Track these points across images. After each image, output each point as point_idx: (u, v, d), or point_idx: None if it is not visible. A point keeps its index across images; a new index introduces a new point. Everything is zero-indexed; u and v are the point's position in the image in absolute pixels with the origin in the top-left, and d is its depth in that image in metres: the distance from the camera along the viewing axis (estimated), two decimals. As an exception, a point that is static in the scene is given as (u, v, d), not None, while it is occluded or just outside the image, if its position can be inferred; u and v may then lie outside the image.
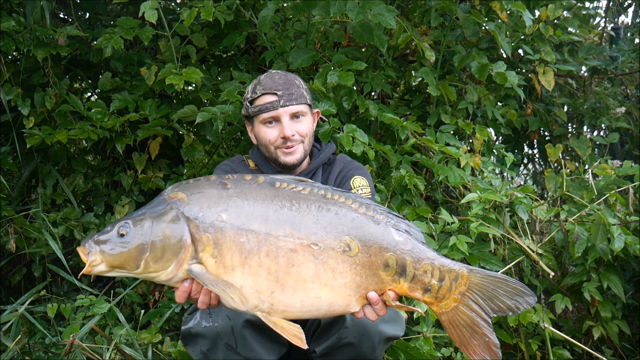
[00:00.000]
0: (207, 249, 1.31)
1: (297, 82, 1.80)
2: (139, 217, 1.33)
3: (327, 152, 1.92)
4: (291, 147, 1.76)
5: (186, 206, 1.33)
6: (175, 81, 2.42)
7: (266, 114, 1.75)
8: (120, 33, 2.61)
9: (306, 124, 1.79)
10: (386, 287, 1.38)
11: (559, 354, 2.26)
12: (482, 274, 1.40)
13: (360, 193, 1.81)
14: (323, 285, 1.32)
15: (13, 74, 2.78)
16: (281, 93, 1.74)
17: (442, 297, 1.39)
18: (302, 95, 1.77)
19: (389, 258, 1.36)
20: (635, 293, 2.62)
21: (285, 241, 1.31)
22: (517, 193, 2.39)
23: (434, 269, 1.38)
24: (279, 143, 1.76)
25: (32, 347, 2.28)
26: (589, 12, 3.54)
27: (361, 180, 1.86)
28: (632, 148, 3.51)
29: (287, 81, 1.77)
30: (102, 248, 1.30)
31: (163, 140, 2.87)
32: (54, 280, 2.85)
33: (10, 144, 2.83)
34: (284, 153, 1.77)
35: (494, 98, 3.05)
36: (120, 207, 2.90)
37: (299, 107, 1.76)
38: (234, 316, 1.62)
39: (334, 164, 1.92)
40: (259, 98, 1.76)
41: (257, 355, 1.64)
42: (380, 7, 2.36)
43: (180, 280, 1.35)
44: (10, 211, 2.63)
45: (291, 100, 1.74)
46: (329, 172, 1.90)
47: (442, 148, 2.54)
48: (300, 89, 1.78)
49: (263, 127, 1.78)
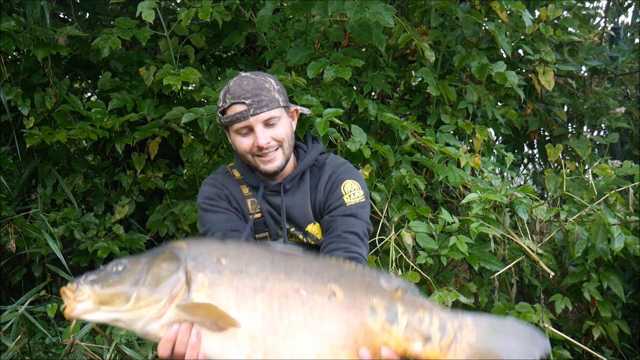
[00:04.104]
0: (202, 288, 1.25)
1: (268, 84, 1.68)
2: (135, 256, 1.31)
3: (314, 153, 1.82)
4: (268, 154, 1.68)
5: (185, 250, 1.29)
6: (173, 82, 2.41)
7: (238, 125, 1.67)
8: (118, 33, 2.60)
9: (282, 127, 1.70)
10: (378, 341, 1.23)
11: (559, 354, 2.26)
12: (489, 322, 1.24)
13: (352, 198, 1.76)
14: (311, 333, 1.24)
15: (13, 74, 2.78)
16: (250, 102, 1.64)
17: (447, 348, 1.21)
18: (273, 100, 1.67)
19: (375, 303, 1.24)
20: (635, 293, 2.62)
21: (278, 287, 1.26)
22: (517, 193, 2.39)
23: (432, 316, 1.23)
24: (255, 151, 1.69)
25: (32, 347, 2.28)
26: (589, 12, 3.54)
27: (352, 184, 1.78)
28: (632, 148, 3.51)
29: (256, 86, 1.66)
30: (91, 282, 1.22)
31: (162, 140, 2.87)
32: (54, 280, 2.85)
33: (10, 144, 2.83)
34: (262, 162, 1.70)
35: (494, 98, 3.05)
36: (120, 207, 2.91)
37: (270, 112, 1.66)
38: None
39: (324, 168, 1.82)
40: (229, 108, 1.68)
41: None
42: (378, 5, 2.36)
43: (169, 323, 1.24)
44: (10, 211, 2.63)
45: (261, 107, 1.64)
46: (318, 177, 1.81)
47: (442, 148, 2.54)
48: (270, 92, 1.67)
49: (238, 136, 1.70)
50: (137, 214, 3.01)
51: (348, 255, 1.66)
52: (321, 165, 1.83)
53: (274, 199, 1.78)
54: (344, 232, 1.70)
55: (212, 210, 1.76)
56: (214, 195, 1.78)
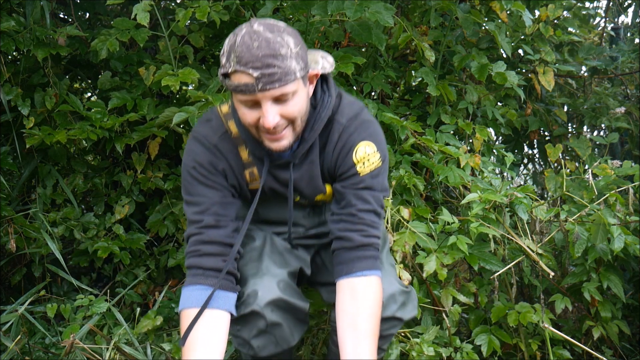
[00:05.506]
0: None
1: (284, 49, 1.33)
2: None
3: (325, 115, 1.53)
4: (275, 133, 1.43)
5: None
6: (171, 82, 2.40)
7: (242, 96, 1.38)
8: (116, 35, 2.60)
9: (295, 104, 1.41)
10: None
11: (559, 354, 2.26)
12: None
13: (366, 165, 1.55)
14: None
15: (13, 74, 2.78)
16: (259, 74, 1.32)
17: None
18: (288, 72, 1.34)
19: None
20: (635, 293, 2.61)
21: None
22: (517, 193, 2.39)
23: None
24: (260, 127, 1.42)
25: (32, 347, 2.28)
26: (589, 12, 3.54)
27: (365, 147, 1.55)
28: (632, 148, 3.51)
29: (270, 52, 1.31)
30: None
31: (162, 140, 2.87)
32: (54, 280, 2.85)
33: (10, 144, 2.83)
34: (268, 139, 1.45)
35: (494, 98, 3.05)
36: (120, 207, 2.91)
37: (283, 88, 1.35)
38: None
39: (333, 126, 1.55)
40: (233, 74, 1.36)
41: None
42: (378, 5, 2.36)
43: None
44: (10, 211, 2.63)
45: (272, 82, 1.33)
46: (327, 137, 1.55)
47: (442, 148, 2.54)
48: (286, 60, 1.33)
49: (241, 106, 1.42)
50: (137, 214, 3.01)
51: (364, 241, 1.57)
52: (330, 122, 1.57)
53: (280, 172, 1.60)
54: (359, 210, 1.57)
55: (204, 183, 1.57)
56: (208, 165, 1.56)
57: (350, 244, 1.58)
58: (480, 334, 2.29)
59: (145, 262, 2.92)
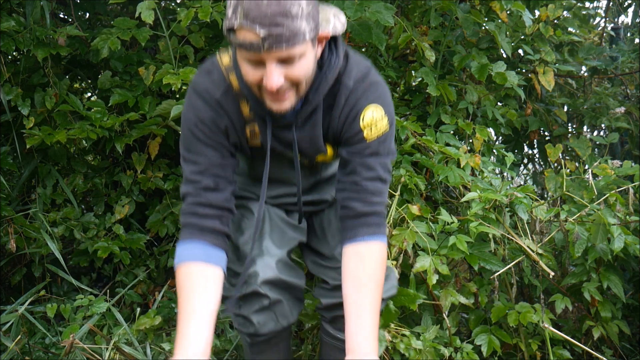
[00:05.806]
0: None
1: (295, 8, 1.24)
2: None
3: (331, 76, 1.46)
4: (278, 94, 1.36)
5: None
6: (172, 81, 2.41)
7: (246, 54, 1.30)
8: (117, 34, 2.60)
9: (301, 66, 1.33)
10: None
11: (559, 354, 2.26)
12: None
13: (374, 131, 1.51)
14: None
15: (13, 74, 2.78)
16: (265, 33, 1.23)
17: None
18: (298, 33, 1.26)
19: None
20: (635, 293, 2.61)
21: None
22: (517, 193, 2.39)
23: None
24: (263, 87, 1.36)
25: (32, 347, 2.28)
26: (589, 12, 3.54)
27: (373, 111, 1.50)
28: (632, 148, 3.51)
29: (279, 11, 1.23)
30: None
31: (163, 140, 2.87)
32: (54, 280, 2.85)
33: (10, 144, 2.83)
34: (270, 99, 1.39)
35: (494, 98, 3.05)
36: (120, 207, 2.91)
37: (290, 50, 1.27)
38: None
39: (340, 88, 1.49)
40: (238, 30, 1.27)
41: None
42: (378, 5, 2.36)
43: None
44: (10, 211, 2.63)
45: (279, 42, 1.25)
46: (333, 98, 1.50)
47: (442, 148, 2.54)
48: (296, 21, 1.25)
49: (244, 63, 1.34)
50: (137, 214, 3.01)
51: (366, 210, 1.56)
52: (337, 84, 1.50)
53: (282, 133, 1.56)
54: (363, 179, 1.54)
55: (204, 142, 1.51)
56: (210, 123, 1.50)
57: (353, 213, 1.58)
58: (480, 334, 2.29)
59: (145, 262, 2.93)
